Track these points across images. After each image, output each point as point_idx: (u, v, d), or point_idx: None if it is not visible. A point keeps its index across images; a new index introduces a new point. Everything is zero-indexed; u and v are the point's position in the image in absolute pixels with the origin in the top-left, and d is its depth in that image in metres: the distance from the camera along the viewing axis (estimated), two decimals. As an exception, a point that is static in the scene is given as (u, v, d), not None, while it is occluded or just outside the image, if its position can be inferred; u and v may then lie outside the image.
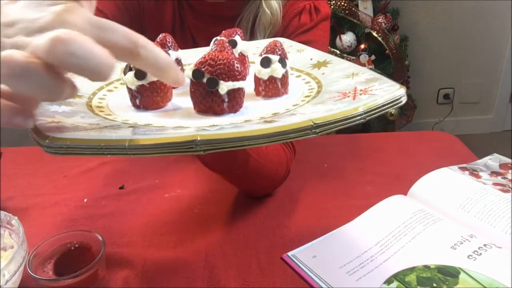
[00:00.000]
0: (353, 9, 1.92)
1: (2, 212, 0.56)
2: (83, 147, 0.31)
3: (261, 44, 0.59)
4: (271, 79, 0.45)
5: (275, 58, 0.45)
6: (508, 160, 0.79)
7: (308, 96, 0.44)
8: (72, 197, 0.74)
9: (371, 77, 0.42)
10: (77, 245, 0.54)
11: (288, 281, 0.56)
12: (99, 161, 0.85)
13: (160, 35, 0.50)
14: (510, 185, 0.69)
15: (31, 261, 0.51)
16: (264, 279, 0.56)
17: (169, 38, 0.50)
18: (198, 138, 0.31)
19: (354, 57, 1.94)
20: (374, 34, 1.94)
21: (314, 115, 0.35)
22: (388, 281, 0.53)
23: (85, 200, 0.74)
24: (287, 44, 0.59)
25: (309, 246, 0.61)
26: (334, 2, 1.90)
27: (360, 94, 0.38)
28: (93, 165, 0.84)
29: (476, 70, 2.43)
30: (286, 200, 0.72)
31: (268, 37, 0.75)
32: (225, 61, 0.39)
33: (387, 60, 1.98)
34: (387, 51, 1.96)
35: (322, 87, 0.45)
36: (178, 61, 0.52)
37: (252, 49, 0.57)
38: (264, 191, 0.73)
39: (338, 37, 1.93)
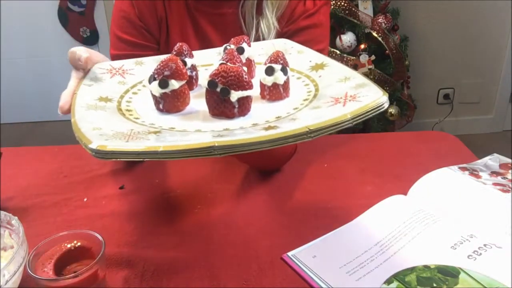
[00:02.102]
0: (353, 9, 1.91)
1: (2, 212, 0.56)
2: (125, 153, 0.39)
3: (264, 46, 0.67)
4: (275, 85, 0.52)
5: (277, 67, 0.52)
6: (508, 160, 0.79)
7: (306, 99, 0.51)
8: (72, 197, 0.74)
9: (361, 83, 0.48)
10: (77, 245, 0.54)
11: (288, 281, 0.56)
12: (99, 161, 0.85)
13: (177, 44, 0.58)
14: (510, 185, 0.69)
15: (31, 261, 0.51)
16: (264, 279, 0.56)
17: (185, 47, 0.58)
18: (216, 144, 0.38)
19: (354, 57, 1.94)
20: (374, 34, 1.94)
21: (309, 121, 0.41)
22: (388, 281, 0.53)
23: (85, 200, 0.74)
24: (289, 45, 0.66)
25: (309, 246, 0.61)
26: (334, 2, 1.90)
27: (350, 101, 0.45)
28: (93, 165, 0.84)
29: (476, 70, 2.43)
30: (286, 200, 0.72)
31: (276, 14, 0.82)
32: (235, 73, 0.47)
33: (387, 60, 1.98)
34: (387, 51, 1.96)
35: (319, 91, 0.52)
36: (194, 67, 0.59)
37: (257, 51, 0.65)
38: (274, 166, 0.81)
39: (338, 37, 1.93)
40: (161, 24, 0.84)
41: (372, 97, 0.43)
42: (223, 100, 0.47)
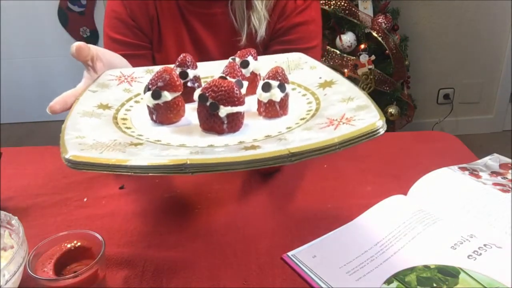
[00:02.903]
0: (353, 9, 1.91)
1: (2, 212, 0.56)
2: (96, 165, 0.38)
3: (278, 59, 0.64)
4: (271, 102, 0.50)
5: (275, 83, 0.50)
6: (508, 160, 0.79)
7: (304, 118, 0.49)
8: (72, 197, 0.74)
9: (362, 104, 0.46)
10: (77, 245, 0.54)
11: (288, 281, 0.56)
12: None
13: (181, 55, 0.57)
14: (510, 185, 0.69)
15: (31, 261, 0.51)
16: (264, 279, 0.56)
17: (189, 58, 0.57)
18: (188, 162, 0.37)
19: (354, 57, 1.94)
20: (374, 34, 1.94)
21: (295, 143, 0.39)
22: (388, 281, 0.53)
23: (85, 200, 0.74)
24: (304, 60, 0.64)
25: (309, 246, 0.61)
26: (334, 2, 1.90)
27: (343, 124, 0.42)
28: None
29: (476, 70, 2.43)
30: (286, 200, 0.72)
31: (266, 6, 0.82)
32: (226, 87, 0.45)
33: (387, 60, 1.98)
34: (387, 51, 1.96)
35: (319, 110, 0.50)
36: (197, 78, 0.57)
37: (270, 64, 0.60)
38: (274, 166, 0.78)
39: (338, 37, 1.93)
40: (152, 24, 0.85)
41: (368, 121, 0.41)
42: (213, 115, 0.46)
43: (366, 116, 0.43)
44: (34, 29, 2.56)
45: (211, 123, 0.46)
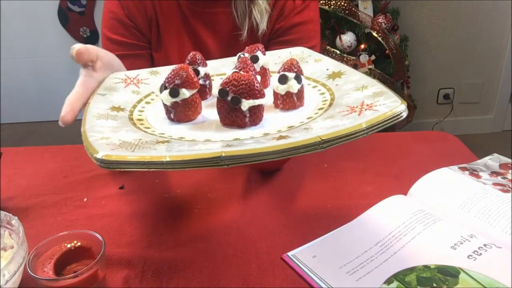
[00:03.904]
0: (353, 9, 1.91)
1: (2, 212, 0.56)
2: (130, 163, 0.38)
3: (282, 54, 0.66)
4: (288, 94, 0.50)
5: (291, 75, 0.50)
6: (508, 160, 0.79)
7: (321, 108, 0.49)
8: (72, 197, 0.74)
9: (379, 91, 0.46)
10: (77, 245, 0.54)
11: (288, 281, 0.56)
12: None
13: (191, 53, 0.57)
14: (510, 185, 0.69)
15: (31, 261, 0.51)
16: (264, 279, 0.56)
17: (199, 56, 0.57)
18: (223, 155, 0.37)
19: (354, 57, 1.94)
20: (374, 34, 1.94)
21: (322, 131, 0.39)
22: (388, 281, 0.53)
23: (85, 200, 0.74)
24: (307, 53, 0.64)
25: (309, 246, 0.61)
26: (334, 2, 1.90)
27: (366, 110, 0.43)
28: (93, 165, 0.84)
29: (476, 70, 2.43)
30: (286, 200, 0.72)
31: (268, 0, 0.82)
32: (246, 81, 0.45)
33: (387, 60, 1.98)
34: (387, 51, 1.96)
35: (335, 100, 0.50)
36: (207, 75, 0.58)
37: (273, 60, 0.63)
38: (274, 166, 0.81)
39: (338, 37, 1.93)
40: (151, 23, 0.85)
41: (390, 105, 0.42)
42: (234, 109, 0.46)
43: (386, 101, 0.43)
44: (34, 29, 2.56)
45: (233, 117, 0.46)
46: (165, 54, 0.87)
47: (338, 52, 1.95)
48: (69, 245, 0.54)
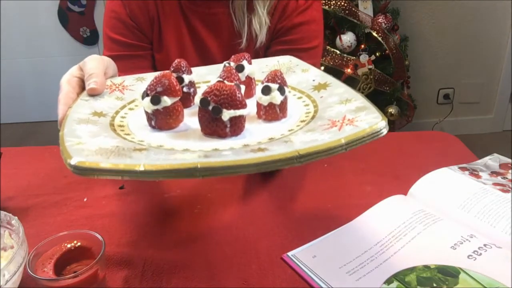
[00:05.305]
0: (353, 9, 1.91)
1: (2, 212, 0.56)
2: (104, 170, 0.37)
3: (269, 63, 0.65)
4: (271, 105, 0.50)
5: (274, 86, 0.50)
6: (508, 160, 0.79)
7: (304, 121, 0.49)
8: (72, 197, 0.74)
9: (361, 106, 0.46)
10: (77, 245, 0.54)
11: (288, 281, 0.56)
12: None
13: (176, 60, 0.56)
14: (510, 185, 0.69)
15: (31, 261, 0.51)
16: (264, 279, 0.56)
17: (183, 63, 0.57)
18: (199, 166, 0.36)
19: (354, 57, 1.94)
20: (374, 34, 1.94)
21: (301, 145, 0.39)
22: (388, 281, 0.53)
23: (85, 200, 0.74)
24: (294, 63, 0.64)
25: (309, 246, 0.61)
26: (334, 2, 1.90)
27: (346, 125, 0.43)
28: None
29: (476, 70, 2.43)
30: (286, 200, 0.72)
31: (267, 10, 0.82)
32: (228, 91, 0.45)
33: (387, 60, 1.98)
34: (387, 51, 1.96)
35: (318, 112, 0.50)
36: (191, 83, 0.57)
37: (260, 68, 0.63)
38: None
39: (338, 37, 1.93)
40: (153, 24, 0.85)
41: (370, 122, 0.42)
42: (215, 119, 0.46)
43: (367, 117, 0.43)
44: (34, 29, 2.56)
45: (214, 127, 0.46)
46: (166, 55, 0.87)
47: (338, 52, 1.95)
48: (69, 245, 0.54)
